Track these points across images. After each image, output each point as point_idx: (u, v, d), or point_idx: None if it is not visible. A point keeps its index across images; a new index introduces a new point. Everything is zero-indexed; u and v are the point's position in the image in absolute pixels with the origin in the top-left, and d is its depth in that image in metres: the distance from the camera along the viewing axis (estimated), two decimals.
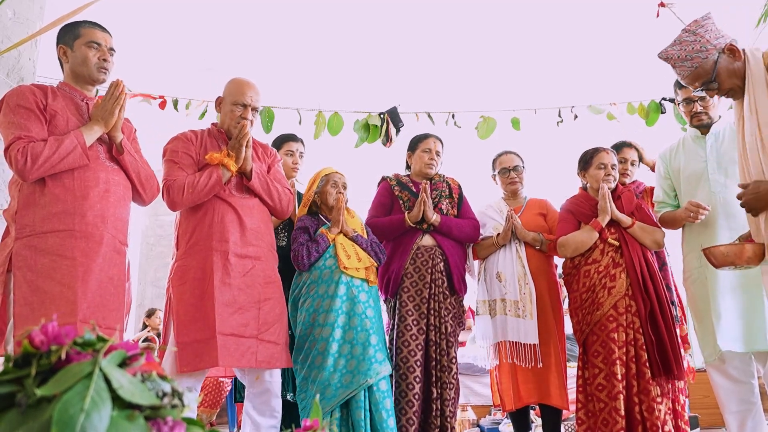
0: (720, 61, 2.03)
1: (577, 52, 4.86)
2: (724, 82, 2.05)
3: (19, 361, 0.57)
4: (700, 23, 2.08)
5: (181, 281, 2.34)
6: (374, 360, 2.49)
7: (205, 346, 2.22)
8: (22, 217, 2.01)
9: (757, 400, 2.50)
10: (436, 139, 3.15)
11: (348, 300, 2.58)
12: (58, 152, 1.98)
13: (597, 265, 2.77)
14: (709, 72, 2.04)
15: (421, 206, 2.89)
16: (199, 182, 2.32)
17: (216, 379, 4.17)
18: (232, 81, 2.57)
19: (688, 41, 2.06)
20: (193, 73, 4.87)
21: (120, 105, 2.11)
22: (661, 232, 2.78)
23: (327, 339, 2.50)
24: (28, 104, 2.04)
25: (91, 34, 2.17)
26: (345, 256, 2.63)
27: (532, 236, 3.03)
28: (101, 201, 2.07)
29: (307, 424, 0.78)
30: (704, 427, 3.95)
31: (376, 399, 2.48)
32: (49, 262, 1.96)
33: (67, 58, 2.20)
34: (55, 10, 2.72)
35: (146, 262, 7.07)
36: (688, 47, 2.06)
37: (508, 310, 2.97)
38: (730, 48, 2.04)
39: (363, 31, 4.54)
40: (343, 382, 2.46)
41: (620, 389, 2.57)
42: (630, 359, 2.62)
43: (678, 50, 2.07)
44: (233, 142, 2.39)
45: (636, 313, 2.66)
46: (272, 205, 2.51)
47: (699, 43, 2.05)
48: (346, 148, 4.51)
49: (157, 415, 0.57)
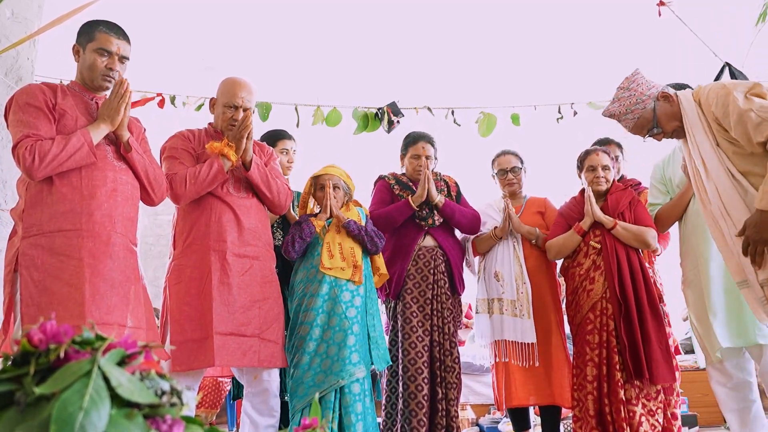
0: (657, 108, 2.24)
1: (577, 49, 4.86)
2: (665, 125, 2.25)
3: (17, 359, 0.57)
4: (631, 79, 2.30)
5: (178, 280, 2.34)
6: (348, 361, 2.46)
7: (201, 345, 2.22)
8: (29, 216, 2.00)
9: (756, 398, 2.52)
10: (426, 142, 3.06)
11: (330, 299, 2.56)
12: (66, 150, 1.97)
13: (580, 268, 2.80)
14: (650, 120, 2.25)
15: (426, 185, 2.86)
16: (201, 173, 2.32)
17: (215, 379, 4.16)
18: (224, 81, 2.55)
19: (624, 97, 2.28)
20: (193, 73, 4.87)
21: (125, 103, 2.09)
22: (650, 232, 2.74)
23: (305, 337, 2.50)
24: (37, 103, 2.03)
25: (105, 41, 2.14)
26: (328, 256, 2.61)
27: (527, 229, 3.02)
28: (109, 200, 2.06)
29: (306, 422, 0.79)
30: (703, 425, 3.96)
31: (346, 401, 2.45)
32: (56, 263, 1.95)
33: (78, 58, 2.19)
34: (54, 10, 2.72)
35: (145, 262, 7.02)
36: (626, 102, 2.27)
37: (505, 310, 2.97)
38: (663, 95, 2.25)
39: (362, 26, 4.54)
40: (316, 380, 2.45)
41: (589, 390, 2.63)
42: (602, 361, 2.64)
43: (618, 107, 2.29)
44: (234, 132, 2.38)
45: (611, 316, 2.66)
46: (271, 198, 2.50)
47: (635, 96, 2.26)
48: (344, 138, 4.49)
49: (155, 414, 0.57)
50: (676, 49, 4.04)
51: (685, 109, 2.18)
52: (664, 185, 2.80)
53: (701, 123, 2.13)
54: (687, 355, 4.38)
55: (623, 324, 2.61)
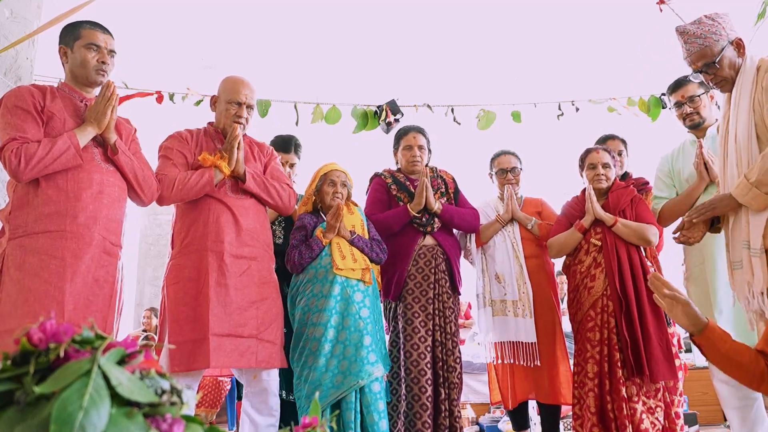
0: (726, 50, 2.18)
1: (578, 46, 4.86)
2: (723, 68, 2.20)
3: (17, 358, 0.57)
4: (720, 15, 2.25)
5: (175, 280, 2.34)
6: (366, 361, 2.45)
7: (198, 347, 2.22)
8: (15, 217, 2.01)
9: (758, 396, 2.52)
10: (417, 132, 3.04)
11: (342, 300, 2.54)
12: (51, 153, 1.97)
13: (581, 265, 2.81)
14: (714, 54, 2.19)
15: (423, 193, 2.84)
16: (190, 180, 2.33)
17: (215, 379, 4.16)
18: (226, 79, 2.56)
19: (706, 23, 2.22)
20: (192, 71, 4.87)
21: (112, 106, 2.10)
22: (651, 229, 2.73)
23: (319, 339, 2.47)
24: (25, 105, 2.04)
25: (91, 35, 2.16)
26: (340, 256, 2.59)
27: (523, 216, 3.09)
28: (94, 202, 2.07)
29: (306, 421, 0.78)
30: (703, 424, 3.96)
31: (367, 401, 2.45)
32: (37, 262, 1.95)
33: (66, 59, 2.19)
34: (53, 9, 2.72)
35: (145, 262, 7.07)
36: (705, 28, 2.21)
37: (508, 311, 2.99)
38: (737, 42, 2.19)
39: (361, 24, 4.53)
40: (335, 382, 2.44)
41: (590, 387, 2.63)
42: (603, 358, 2.65)
43: (695, 28, 2.22)
44: (226, 144, 2.39)
45: (612, 313, 2.67)
46: (273, 203, 2.51)
47: (715, 27, 2.20)
48: (344, 136, 4.49)
49: (155, 413, 0.56)
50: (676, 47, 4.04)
51: (747, 67, 2.16)
52: (671, 178, 2.79)
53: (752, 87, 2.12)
54: (686, 354, 4.39)
55: (624, 321, 2.61)
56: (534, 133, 4.92)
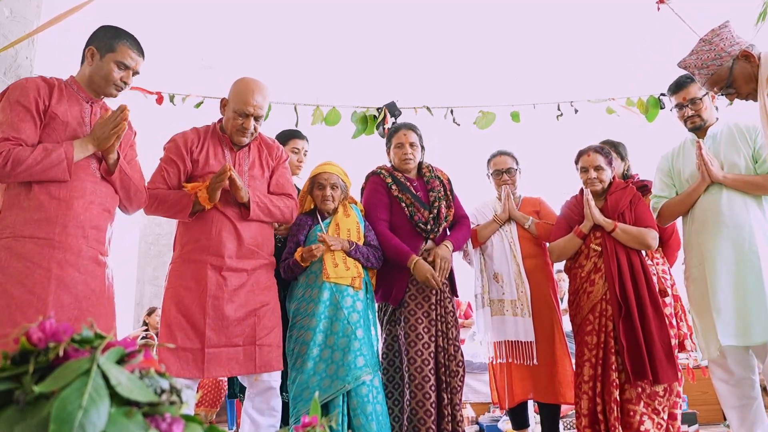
0: (735, 68, 2.12)
1: (577, 47, 4.86)
2: (741, 87, 2.14)
3: (17, 358, 0.57)
4: (716, 32, 2.18)
5: (173, 285, 2.34)
6: (354, 365, 2.45)
7: (194, 356, 2.23)
8: (4, 218, 1.97)
9: (757, 395, 2.52)
10: (408, 129, 2.98)
11: (331, 305, 2.54)
12: (42, 164, 1.93)
13: (581, 270, 2.80)
14: (724, 78, 2.14)
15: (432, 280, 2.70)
16: (169, 201, 2.33)
17: (215, 378, 4.17)
18: (237, 83, 2.47)
19: (703, 50, 2.17)
20: (192, 71, 4.87)
21: (118, 133, 2.04)
22: (650, 233, 2.71)
23: (308, 343, 2.48)
24: (27, 103, 1.99)
25: (126, 55, 2.12)
26: (332, 265, 2.58)
27: (520, 215, 3.11)
28: (85, 212, 2.03)
29: (305, 421, 0.79)
30: (702, 423, 3.96)
31: (354, 404, 2.44)
32: (22, 268, 1.90)
33: (92, 62, 2.13)
34: (53, 9, 2.72)
35: (144, 261, 7.06)
36: (704, 56, 2.16)
37: (506, 310, 2.99)
38: (744, 54, 2.12)
39: (361, 25, 4.53)
40: (322, 386, 2.44)
41: (585, 390, 2.64)
42: (599, 362, 2.65)
43: (695, 60, 2.19)
44: (213, 180, 2.29)
45: (611, 317, 2.66)
46: (278, 221, 2.55)
47: (713, 51, 2.15)
48: (344, 137, 4.49)
49: (155, 412, 0.57)
50: (676, 47, 4.04)
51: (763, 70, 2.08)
52: (671, 178, 2.76)
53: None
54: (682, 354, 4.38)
55: (624, 325, 2.60)
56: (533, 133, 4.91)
